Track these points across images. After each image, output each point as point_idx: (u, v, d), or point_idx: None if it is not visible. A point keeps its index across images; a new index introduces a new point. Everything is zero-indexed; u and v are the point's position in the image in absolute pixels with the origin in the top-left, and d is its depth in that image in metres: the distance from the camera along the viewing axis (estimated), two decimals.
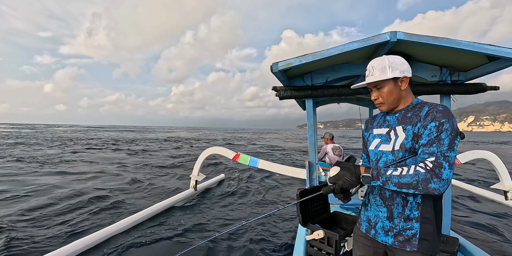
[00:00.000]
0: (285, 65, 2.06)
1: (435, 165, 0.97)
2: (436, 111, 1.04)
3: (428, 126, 1.03)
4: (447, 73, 2.41)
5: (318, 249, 2.05)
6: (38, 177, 7.28)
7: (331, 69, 2.46)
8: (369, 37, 1.93)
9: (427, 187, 0.95)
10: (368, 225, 1.24)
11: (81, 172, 8.18)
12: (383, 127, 1.23)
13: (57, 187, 6.04)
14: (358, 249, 1.29)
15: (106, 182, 6.87)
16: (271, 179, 7.76)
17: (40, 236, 3.40)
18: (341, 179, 1.07)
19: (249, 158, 3.59)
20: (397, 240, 1.10)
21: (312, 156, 2.50)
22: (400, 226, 1.10)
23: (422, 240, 1.06)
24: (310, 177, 2.53)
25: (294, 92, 2.41)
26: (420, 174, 0.96)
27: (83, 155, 12.47)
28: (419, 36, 1.88)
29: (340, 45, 1.99)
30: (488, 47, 1.86)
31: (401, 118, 1.16)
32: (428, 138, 1.02)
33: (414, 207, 1.08)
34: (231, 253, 3.11)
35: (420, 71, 2.40)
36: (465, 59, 2.19)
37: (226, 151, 4.08)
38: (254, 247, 3.26)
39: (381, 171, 1.04)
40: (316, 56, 2.03)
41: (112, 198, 5.22)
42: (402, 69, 1.13)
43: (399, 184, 0.99)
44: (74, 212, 4.36)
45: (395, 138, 1.15)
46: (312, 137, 2.54)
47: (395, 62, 1.14)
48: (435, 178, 0.95)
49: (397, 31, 1.88)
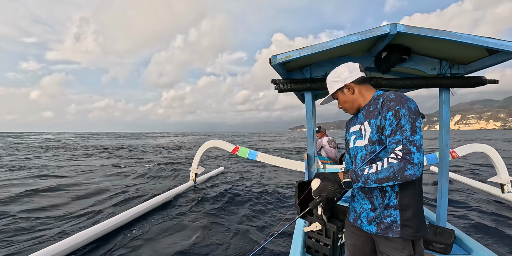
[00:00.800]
0: (284, 57, 2.05)
1: (405, 153, 1.00)
2: (389, 100, 1.09)
3: (387, 116, 1.08)
4: (447, 66, 2.40)
5: (316, 240, 2.08)
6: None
7: (330, 62, 2.45)
8: (369, 29, 1.92)
9: (404, 176, 0.99)
10: (355, 215, 1.29)
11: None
12: (356, 124, 1.31)
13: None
14: (349, 238, 1.35)
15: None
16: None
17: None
18: (325, 190, 1.12)
19: (248, 151, 3.60)
20: (379, 228, 1.15)
21: (310, 149, 2.52)
22: (382, 215, 1.15)
23: (404, 226, 1.09)
24: (308, 169, 2.55)
25: (293, 85, 2.40)
26: (394, 165, 0.99)
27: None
28: (419, 28, 1.86)
29: (340, 38, 1.98)
30: (488, 40, 1.85)
31: (366, 114, 1.23)
32: (391, 128, 1.06)
33: (393, 196, 1.12)
34: (230, 246, 3.16)
35: (419, 64, 2.39)
36: (464, 52, 2.17)
37: (225, 144, 4.10)
38: (255, 237, 3.31)
39: (359, 172, 1.08)
40: (315, 49, 2.01)
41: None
42: (342, 78, 1.26)
43: (378, 180, 1.02)
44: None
45: (364, 133, 1.21)
46: (311, 130, 2.55)
47: (334, 76, 1.29)
48: (409, 165, 0.98)
49: (397, 23, 1.86)
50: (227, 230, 3.56)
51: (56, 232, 3.41)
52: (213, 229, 3.60)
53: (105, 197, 5.18)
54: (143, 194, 5.32)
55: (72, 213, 4.23)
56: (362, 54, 2.45)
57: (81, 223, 3.80)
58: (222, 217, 4.10)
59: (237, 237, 3.37)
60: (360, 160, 1.24)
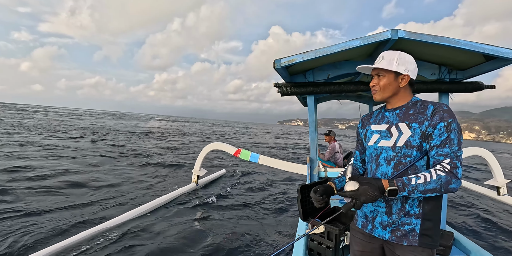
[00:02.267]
0: (287, 61, 2.08)
1: (452, 167, 1.00)
2: (442, 111, 1.07)
3: (438, 126, 1.06)
4: (446, 72, 2.46)
5: (318, 243, 2.10)
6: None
7: (332, 66, 2.49)
8: (371, 35, 1.96)
9: (448, 188, 0.99)
10: (364, 221, 1.24)
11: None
12: (382, 123, 1.24)
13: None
14: (356, 245, 1.29)
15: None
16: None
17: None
18: (364, 195, 1.02)
19: (250, 153, 3.62)
20: (394, 235, 1.11)
21: (313, 152, 2.54)
22: (399, 222, 1.11)
23: (423, 236, 1.08)
24: (311, 172, 2.57)
25: (296, 89, 2.43)
26: (442, 178, 0.99)
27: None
28: (419, 34, 1.91)
29: (342, 42, 2.02)
30: (485, 46, 1.90)
31: (402, 115, 1.17)
32: (440, 139, 1.05)
33: (416, 204, 1.10)
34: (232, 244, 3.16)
35: (419, 69, 2.44)
36: (463, 58, 2.23)
37: (227, 147, 4.11)
38: (256, 239, 3.32)
39: (406, 181, 1.02)
40: (319, 53, 2.05)
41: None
42: (408, 67, 1.16)
43: (425, 191, 1.00)
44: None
45: (398, 134, 1.16)
46: (313, 133, 2.58)
47: (404, 59, 1.16)
48: (454, 179, 0.99)
49: (398, 29, 1.91)
50: (229, 233, 3.56)
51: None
52: (214, 231, 3.60)
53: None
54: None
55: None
56: (364, 59, 2.50)
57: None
58: (224, 219, 4.09)
59: (239, 239, 3.37)
60: (384, 161, 1.18)
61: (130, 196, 4.90)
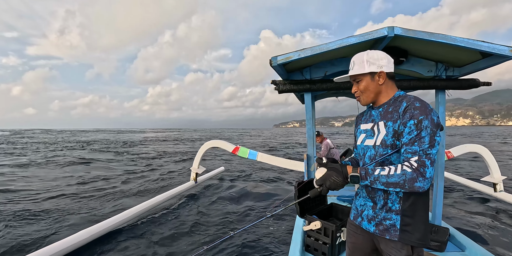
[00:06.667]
0: (284, 59, 2.08)
1: (419, 164, 0.99)
2: (413, 108, 1.05)
3: (408, 124, 1.04)
4: (442, 69, 2.46)
5: (315, 239, 2.12)
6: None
7: (329, 63, 2.49)
8: (368, 32, 1.96)
9: (412, 186, 0.98)
10: (356, 213, 1.29)
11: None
12: (369, 122, 1.27)
13: None
14: (349, 236, 1.35)
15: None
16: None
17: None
18: (328, 180, 1.07)
19: (248, 151, 3.63)
20: (378, 229, 1.16)
21: (310, 149, 2.55)
22: (381, 216, 1.15)
23: (404, 231, 1.09)
24: (308, 169, 2.58)
25: (293, 86, 2.44)
26: (407, 174, 0.98)
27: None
28: (415, 31, 1.91)
29: (339, 40, 2.02)
30: (481, 43, 1.90)
31: (383, 113, 1.18)
32: (409, 137, 1.03)
33: (396, 201, 1.12)
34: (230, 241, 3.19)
35: (416, 66, 2.44)
36: (459, 55, 2.23)
37: (225, 144, 4.12)
38: (254, 236, 3.34)
39: (369, 171, 1.05)
40: (315, 50, 2.05)
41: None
42: (380, 64, 1.15)
43: (387, 183, 1.01)
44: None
45: (377, 133, 1.18)
46: (310, 130, 2.58)
47: (373, 57, 1.15)
48: (420, 177, 0.98)
49: (395, 26, 1.90)
50: (229, 229, 3.58)
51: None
52: (214, 227, 3.62)
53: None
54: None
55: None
56: None
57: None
58: (223, 216, 4.12)
59: (240, 235, 3.39)
60: (368, 159, 1.22)
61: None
